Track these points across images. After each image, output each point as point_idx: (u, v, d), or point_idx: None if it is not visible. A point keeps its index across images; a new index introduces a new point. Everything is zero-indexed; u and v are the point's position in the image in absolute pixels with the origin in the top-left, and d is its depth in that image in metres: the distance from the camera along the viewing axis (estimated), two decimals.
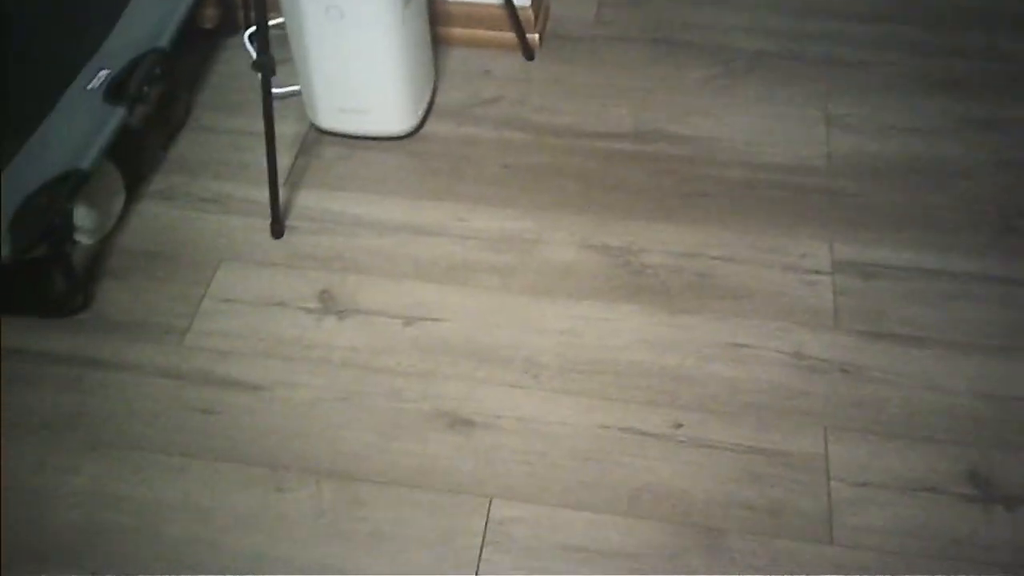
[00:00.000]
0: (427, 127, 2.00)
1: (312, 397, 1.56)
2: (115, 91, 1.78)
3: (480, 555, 1.37)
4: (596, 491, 1.44)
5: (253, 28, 2.21)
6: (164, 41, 1.86)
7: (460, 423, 1.52)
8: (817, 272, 1.72)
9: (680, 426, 1.51)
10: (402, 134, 1.97)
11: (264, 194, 1.85)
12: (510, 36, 2.13)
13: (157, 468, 1.47)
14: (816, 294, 1.69)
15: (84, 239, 1.78)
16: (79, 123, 1.73)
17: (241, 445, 1.50)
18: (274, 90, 1.98)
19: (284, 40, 1.90)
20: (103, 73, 1.82)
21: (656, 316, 1.66)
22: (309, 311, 1.68)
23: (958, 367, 1.58)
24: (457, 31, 2.17)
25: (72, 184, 1.63)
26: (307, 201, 1.86)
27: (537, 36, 2.16)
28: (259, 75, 1.70)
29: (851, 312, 1.66)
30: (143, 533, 1.40)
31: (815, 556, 1.37)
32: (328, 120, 1.95)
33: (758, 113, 2.02)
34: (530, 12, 2.12)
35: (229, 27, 2.22)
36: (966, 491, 1.43)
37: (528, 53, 2.15)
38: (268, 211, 1.81)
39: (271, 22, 1.87)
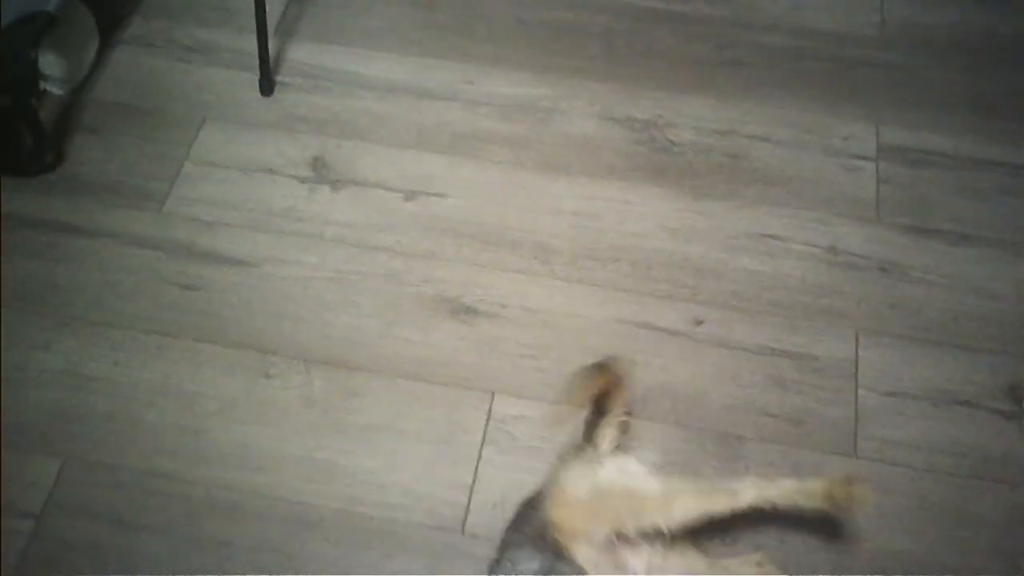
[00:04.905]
0: None
1: (303, 276, 1.43)
2: None
3: (480, 454, 1.29)
4: None
5: None
6: None
7: (463, 311, 1.40)
8: (860, 157, 1.56)
9: (701, 323, 1.40)
10: None
11: (253, 44, 1.66)
12: None
13: (135, 347, 1.36)
14: (858, 182, 1.54)
15: (53, 89, 1.61)
16: None
17: (226, 325, 1.39)
18: None
19: None
20: None
21: (681, 200, 1.52)
22: (301, 180, 1.53)
23: (1007, 269, 1.45)
24: None
25: (37, 27, 1.46)
26: (300, 55, 1.68)
27: None
28: None
29: (894, 203, 1.51)
30: (119, 418, 1.30)
31: (837, 469, 1.27)
32: None
33: None
34: None
35: None
36: (1004, 407, 1.33)
37: None
38: (257, 64, 1.63)
39: None
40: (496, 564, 1.11)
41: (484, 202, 1.51)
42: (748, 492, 1.12)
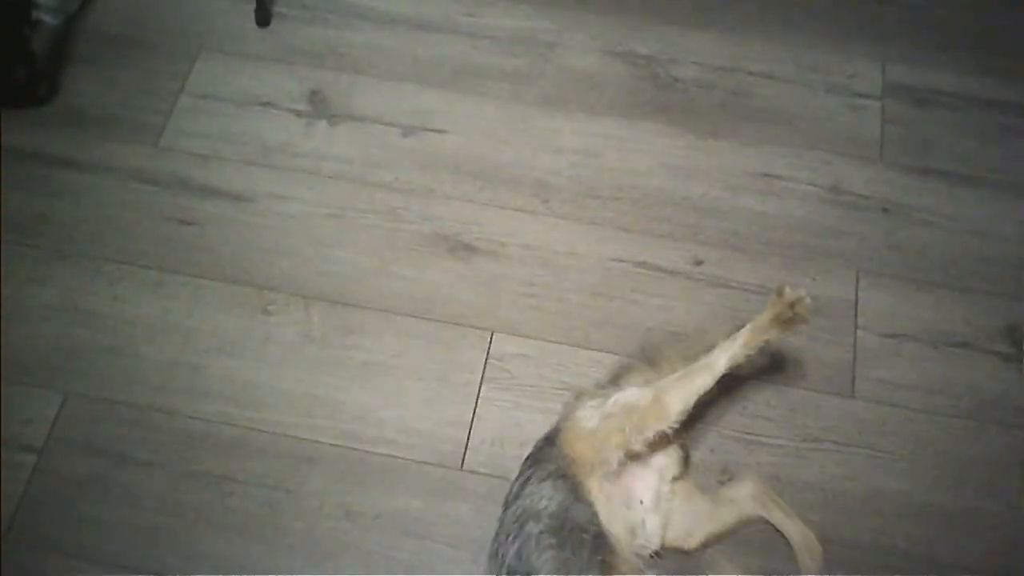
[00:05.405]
0: None
1: (301, 211, 1.42)
2: None
3: (479, 391, 1.29)
4: (604, 329, 1.34)
5: None
6: None
7: (461, 248, 1.39)
8: (866, 96, 1.54)
9: (700, 263, 1.39)
10: None
11: None
12: None
13: (132, 282, 1.36)
14: (862, 121, 1.52)
15: (47, 18, 1.58)
16: None
17: (224, 261, 1.38)
18: None
19: None
20: None
21: (683, 138, 1.50)
22: (298, 114, 1.51)
23: (1010, 210, 1.44)
24: None
25: None
26: None
27: None
28: None
29: (899, 143, 1.50)
30: (119, 353, 1.30)
31: (833, 409, 1.28)
32: None
33: None
34: None
35: None
36: (1002, 348, 1.33)
37: None
38: None
39: None
40: (514, 498, 1.11)
41: (483, 138, 1.50)
42: (720, 360, 1.15)
